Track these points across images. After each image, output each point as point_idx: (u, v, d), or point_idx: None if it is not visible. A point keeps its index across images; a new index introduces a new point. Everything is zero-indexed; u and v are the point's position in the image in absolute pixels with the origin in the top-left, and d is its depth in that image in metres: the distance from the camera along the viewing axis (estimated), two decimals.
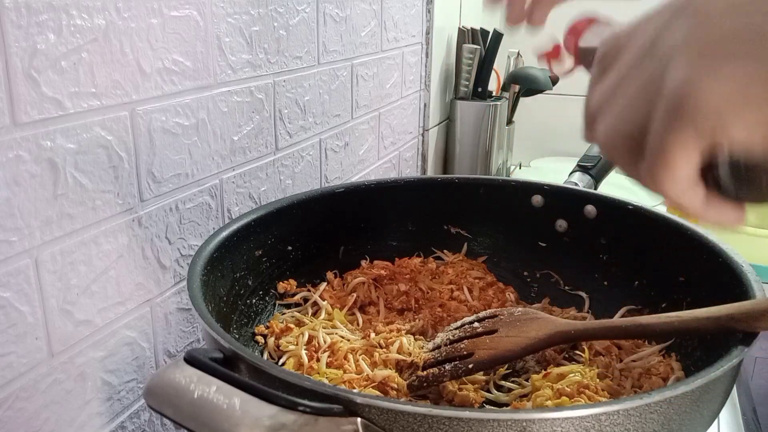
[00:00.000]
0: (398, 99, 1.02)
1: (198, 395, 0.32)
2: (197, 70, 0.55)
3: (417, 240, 0.70)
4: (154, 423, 0.55)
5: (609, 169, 0.81)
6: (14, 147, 0.39)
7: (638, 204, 0.61)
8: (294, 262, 0.63)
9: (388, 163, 1.02)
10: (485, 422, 0.31)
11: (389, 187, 0.69)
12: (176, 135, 0.54)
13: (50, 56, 0.41)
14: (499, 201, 0.69)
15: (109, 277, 0.48)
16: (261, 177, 0.67)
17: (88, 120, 0.44)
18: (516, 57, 1.31)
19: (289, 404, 0.30)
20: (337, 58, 0.80)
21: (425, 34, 1.09)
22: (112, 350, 0.50)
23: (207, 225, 0.59)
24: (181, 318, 0.58)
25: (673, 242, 0.56)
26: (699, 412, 0.36)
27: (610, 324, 0.49)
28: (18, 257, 0.41)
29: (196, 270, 0.46)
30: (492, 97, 1.26)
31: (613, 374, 0.50)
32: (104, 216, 0.47)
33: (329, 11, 0.76)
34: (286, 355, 0.53)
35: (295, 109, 0.72)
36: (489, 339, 0.50)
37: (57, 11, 0.41)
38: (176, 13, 0.52)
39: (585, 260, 0.64)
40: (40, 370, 0.44)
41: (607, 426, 0.32)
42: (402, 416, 0.31)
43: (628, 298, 0.60)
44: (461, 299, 0.62)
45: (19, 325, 0.41)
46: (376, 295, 0.63)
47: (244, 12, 0.60)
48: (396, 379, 0.49)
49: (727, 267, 0.49)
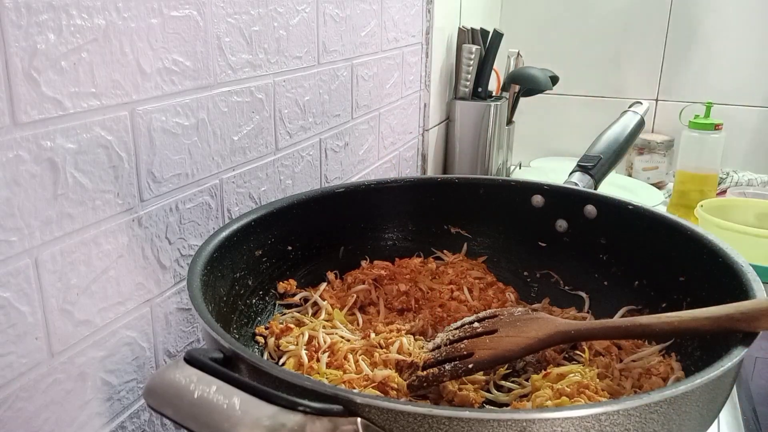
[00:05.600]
0: (398, 99, 1.02)
1: (198, 395, 0.32)
2: (197, 70, 0.55)
3: (417, 240, 0.70)
4: (154, 423, 0.55)
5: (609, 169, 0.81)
6: (14, 147, 0.39)
7: (638, 204, 0.61)
8: (294, 262, 0.63)
9: (388, 163, 1.02)
10: (485, 422, 0.31)
11: (389, 187, 0.69)
12: (176, 135, 0.54)
13: (50, 56, 0.41)
14: (499, 201, 0.69)
15: (109, 277, 0.48)
16: (261, 177, 0.67)
17: (88, 120, 0.44)
18: (516, 57, 1.31)
19: (289, 404, 0.30)
20: (337, 58, 0.80)
21: (425, 34, 1.09)
22: (112, 350, 0.50)
23: (207, 225, 0.59)
24: (181, 318, 0.58)
25: (673, 242, 0.56)
26: (699, 412, 0.36)
27: (610, 324, 0.49)
28: (18, 257, 0.41)
29: (196, 270, 0.46)
30: (492, 97, 1.26)
31: (613, 374, 0.50)
32: (104, 216, 0.47)
33: (329, 11, 0.76)
34: (286, 355, 0.53)
35: (295, 109, 0.72)
36: (489, 339, 0.50)
37: (57, 11, 0.41)
38: (176, 13, 0.52)
39: (585, 260, 0.64)
40: (40, 370, 0.44)
41: (607, 426, 0.32)
42: (402, 416, 0.31)
43: (628, 298, 0.60)
44: (461, 299, 0.62)
45: (19, 325, 0.41)
46: (376, 295, 0.63)
47: (244, 12, 0.60)
48: (396, 379, 0.49)
49: (727, 267, 0.49)
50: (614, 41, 1.53)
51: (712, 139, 1.19)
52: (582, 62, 1.55)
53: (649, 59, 1.51)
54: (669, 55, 1.50)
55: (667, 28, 1.48)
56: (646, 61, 1.51)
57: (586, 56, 1.55)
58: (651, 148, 1.45)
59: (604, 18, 1.52)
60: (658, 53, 1.50)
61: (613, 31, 1.52)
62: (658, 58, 1.50)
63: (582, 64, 1.55)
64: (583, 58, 1.55)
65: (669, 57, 1.50)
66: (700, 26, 1.46)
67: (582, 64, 1.55)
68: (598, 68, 1.55)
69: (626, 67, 1.53)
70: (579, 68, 1.55)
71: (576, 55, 1.55)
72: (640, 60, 1.51)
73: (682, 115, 1.31)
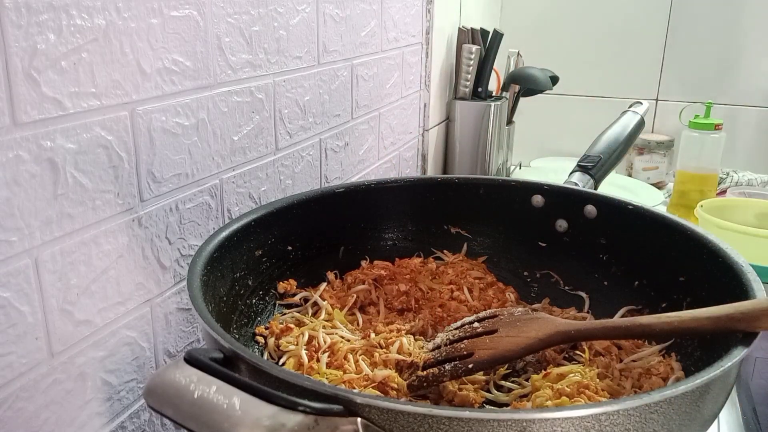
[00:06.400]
0: (398, 99, 1.02)
1: (198, 395, 0.32)
2: (197, 70, 0.55)
3: (417, 240, 0.70)
4: (154, 423, 0.55)
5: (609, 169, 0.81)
6: (14, 147, 0.39)
7: (638, 204, 0.61)
8: (294, 262, 0.63)
9: (388, 163, 1.02)
10: (485, 422, 0.31)
11: (389, 187, 0.69)
12: (176, 135, 0.54)
13: (50, 56, 0.41)
14: (499, 201, 0.69)
15: (109, 277, 0.48)
16: (261, 177, 0.67)
17: (88, 120, 0.44)
18: (516, 57, 1.31)
19: (289, 404, 0.30)
20: (337, 58, 0.80)
21: (425, 34, 1.09)
22: (112, 350, 0.50)
23: (207, 225, 0.59)
24: (181, 318, 0.58)
25: (673, 242, 0.56)
26: (699, 412, 0.36)
27: (610, 324, 0.49)
28: (18, 257, 0.41)
29: (196, 270, 0.46)
30: (492, 97, 1.26)
31: (613, 374, 0.50)
32: (104, 216, 0.47)
33: (329, 11, 0.76)
34: (286, 355, 0.53)
35: (295, 109, 0.72)
36: (489, 339, 0.50)
37: (57, 11, 0.41)
38: (176, 13, 0.52)
39: (585, 260, 0.64)
40: (40, 370, 0.44)
41: (607, 426, 0.32)
42: (402, 416, 0.31)
43: (628, 298, 0.60)
44: (461, 299, 0.62)
45: (19, 325, 0.41)
46: (376, 295, 0.63)
47: (244, 12, 0.60)
48: (396, 379, 0.49)
49: (727, 267, 0.49)
50: (614, 41, 1.53)
51: (712, 139, 1.19)
52: (582, 62, 1.55)
53: (649, 59, 1.51)
54: (669, 55, 1.50)
55: (667, 28, 1.48)
56: (646, 61, 1.51)
57: (586, 56, 1.55)
58: (651, 148, 1.45)
59: (604, 18, 1.52)
60: (658, 53, 1.50)
61: (613, 31, 1.52)
62: (658, 58, 1.50)
63: (582, 64, 1.55)
64: (583, 58, 1.55)
65: (669, 57, 1.50)
66: (700, 26, 1.46)
67: (582, 64, 1.55)
68: (598, 68, 1.55)
69: (626, 67, 1.53)
70: (579, 68, 1.55)
71: (576, 55, 1.55)
72: (640, 60, 1.51)
73: (682, 115, 1.31)
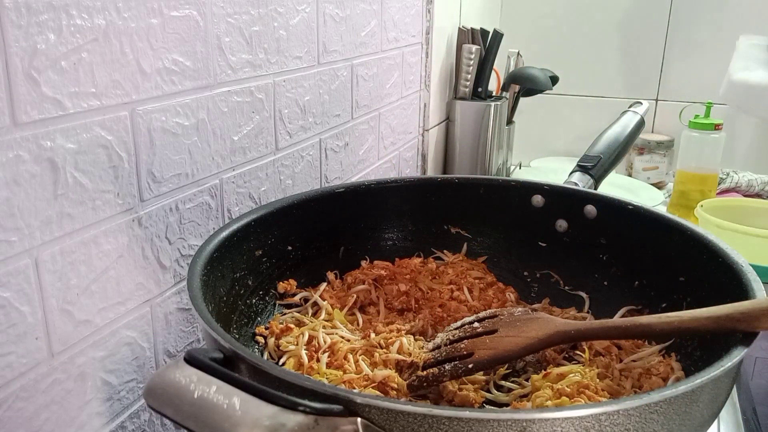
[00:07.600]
0: (398, 99, 1.02)
1: (198, 395, 0.32)
2: (197, 70, 0.55)
3: (417, 240, 0.70)
4: (154, 423, 0.55)
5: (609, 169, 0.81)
6: (14, 147, 0.39)
7: (638, 204, 0.61)
8: (294, 262, 0.63)
9: (388, 163, 1.02)
10: (485, 422, 0.31)
11: (389, 187, 0.69)
12: (176, 135, 0.54)
13: (50, 56, 0.41)
14: (499, 201, 0.69)
15: (109, 277, 0.48)
16: (261, 177, 0.67)
17: (88, 120, 0.44)
18: (516, 57, 1.31)
19: (289, 404, 0.30)
20: (337, 58, 0.80)
21: (425, 34, 1.09)
22: (112, 350, 0.50)
23: (207, 225, 0.59)
24: (181, 318, 0.58)
25: (673, 242, 0.56)
26: (699, 412, 0.36)
27: (610, 324, 0.49)
28: (18, 257, 0.41)
29: (196, 270, 0.46)
30: (492, 97, 1.26)
31: (613, 374, 0.50)
32: (104, 216, 0.47)
33: (329, 11, 0.76)
34: (286, 355, 0.53)
35: (295, 109, 0.72)
36: (489, 339, 0.50)
37: (57, 11, 0.41)
38: (176, 13, 0.52)
39: (585, 260, 0.64)
40: (40, 370, 0.44)
41: (607, 426, 0.32)
42: (402, 416, 0.31)
43: (628, 298, 0.59)
44: (461, 299, 0.62)
45: (19, 325, 0.41)
46: (376, 295, 0.63)
47: (244, 12, 0.60)
48: (396, 379, 0.49)
49: (727, 267, 0.49)
50: (614, 41, 1.53)
51: (712, 139, 1.19)
52: (582, 62, 1.55)
53: (649, 59, 1.51)
54: (669, 55, 1.50)
55: (667, 28, 1.48)
56: (646, 61, 1.51)
57: (586, 56, 1.55)
58: (651, 148, 1.45)
59: (604, 18, 1.52)
60: (658, 53, 1.50)
61: (613, 31, 1.52)
62: (658, 58, 1.50)
63: (582, 64, 1.55)
64: (583, 58, 1.55)
65: (669, 57, 1.50)
66: (700, 26, 1.46)
67: (582, 64, 1.55)
68: (598, 68, 1.55)
69: (626, 67, 1.53)
70: (579, 68, 1.55)
71: (576, 55, 1.55)
72: (640, 60, 1.51)
73: (682, 115, 1.31)
